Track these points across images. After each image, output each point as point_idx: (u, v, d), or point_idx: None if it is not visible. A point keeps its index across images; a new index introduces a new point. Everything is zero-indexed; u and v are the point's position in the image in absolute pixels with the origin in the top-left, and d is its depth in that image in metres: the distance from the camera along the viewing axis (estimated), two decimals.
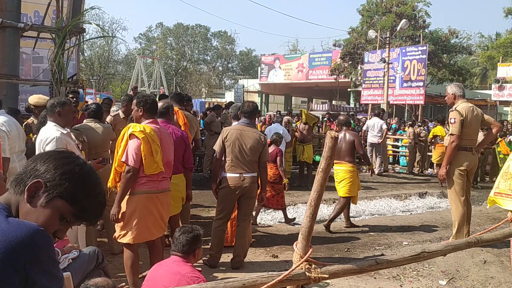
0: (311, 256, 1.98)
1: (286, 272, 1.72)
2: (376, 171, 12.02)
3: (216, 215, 4.76)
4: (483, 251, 5.08)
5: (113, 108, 7.62)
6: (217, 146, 4.67)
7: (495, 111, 26.84)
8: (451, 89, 5.36)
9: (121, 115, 5.93)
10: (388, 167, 13.37)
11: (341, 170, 6.38)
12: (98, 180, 1.41)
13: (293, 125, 11.61)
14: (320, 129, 14.76)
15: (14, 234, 1.16)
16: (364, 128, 12.80)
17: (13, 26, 7.67)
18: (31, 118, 5.96)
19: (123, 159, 3.59)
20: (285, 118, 10.42)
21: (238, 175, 4.59)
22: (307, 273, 1.77)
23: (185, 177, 4.60)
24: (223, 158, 4.66)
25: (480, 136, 5.65)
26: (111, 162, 5.12)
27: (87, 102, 12.01)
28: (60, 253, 2.82)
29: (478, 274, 4.60)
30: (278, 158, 6.75)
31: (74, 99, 6.31)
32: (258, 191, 4.83)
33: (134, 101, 3.83)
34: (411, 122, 14.54)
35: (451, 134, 5.20)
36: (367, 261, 1.99)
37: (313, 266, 1.81)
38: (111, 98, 11.68)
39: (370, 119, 14.01)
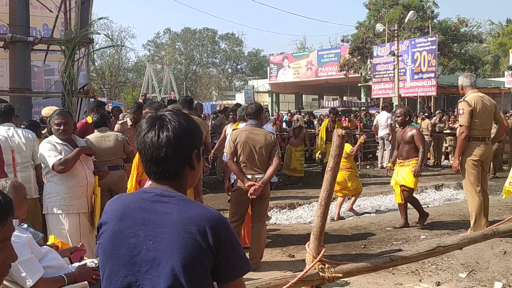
0: (325, 255, 1.97)
1: (301, 274, 1.71)
2: (385, 165, 11.97)
3: (230, 218, 4.77)
4: (503, 242, 4.99)
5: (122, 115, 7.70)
6: (227, 148, 4.69)
7: (509, 99, 26.38)
8: (460, 80, 5.39)
9: (129, 122, 5.98)
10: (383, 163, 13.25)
11: None
12: None
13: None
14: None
15: (209, 213, 1.34)
16: (374, 123, 12.73)
17: (23, 40, 7.78)
18: (46, 129, 6.04)
19: None
20: (295, 117, 10.57)
21: (250, 176, 4.60)
22: (321, 273, 1.76)
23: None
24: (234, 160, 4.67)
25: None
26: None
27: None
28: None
29: (498, 265, 4.53)
30: None
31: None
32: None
33: (147, 110, 3.88)
34: (427, 114, 14.35)
35: (460, 125, 5.17)
36: (381, 258, 1.97)
37: (327, 265, 1.80)
38: (119, 106, 11.76)
39: (379, 113, 13.92)
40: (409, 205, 6.52)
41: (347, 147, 7.07)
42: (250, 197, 4.56)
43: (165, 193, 1.37)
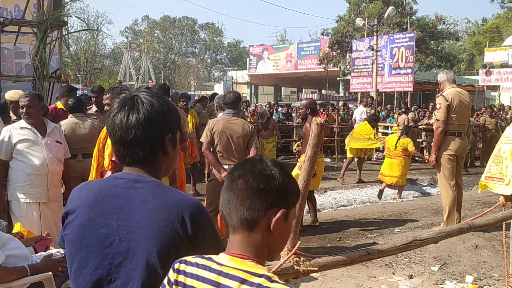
0: (300, 248, 1.91)
1: (275, 267, 1.65)
2: None
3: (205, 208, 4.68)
4: (475, 236, 5.07)
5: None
6: (203, 137, 4.59)
7: (482, 97, 26.98)
8: (438, 76, 5.43)
9: (94, 108, 5.79)
10: (373, 155, 13.37)
11: None
12: None
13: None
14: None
15: (187, 200, 1.27)
16: (353, 117, 12.83)
17: None
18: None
19: (113, 158, 3.50)
20: (260, 112, 10.82)
21: (226, 167, 4.51)
22: (296, 267, 1.71)
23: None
24: (211, 150, 4.58)
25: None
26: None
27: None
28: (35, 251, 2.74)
29: (470, 259, 4.59)
30: None
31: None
32: None
33: (109, 95, 3.75)
34: (404, 109, 14.50)
35: (437, 120, 5.22)
36: (357, 252, 1.92)
37: (302, 259, 1.74)
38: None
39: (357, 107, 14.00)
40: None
41: (404, 142, 7.93)
42: None
43: (139, 179, 1.28)
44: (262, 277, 1.04)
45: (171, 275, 1.14)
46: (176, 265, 1.15)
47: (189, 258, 1.15)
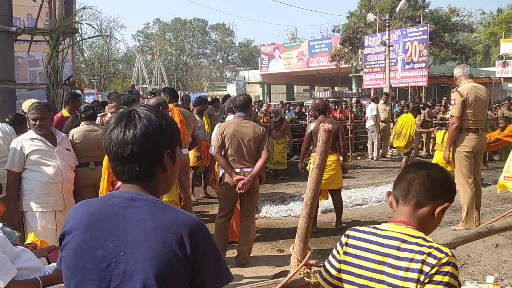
0: (315, 249, 1.86)
1: (284, 280, 1.61)
2: (375, 157, 12.10)
3: (218, 212, 4.67)
4: (495, 234, 4.93)
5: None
6: (215, 141, 4.57)
7: (500, 89, 26.46)
8: (454, 71, 5.26)
9: (109, 115, 5.81)
10: (387, 152, 13.22)
11: None
12: None
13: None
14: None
15: (186, 218, 1.21)
16: (365, 115, 12.77)
17: (6, 30, 7.55)
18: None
19: None
20: (275, 110, 10.73)
21: (238, 170, 4.48)
22: (306, 279, 1.66)
23: (178, 179, 4.48)
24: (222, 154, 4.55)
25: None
26: None
27: (86, 103, 11.91)
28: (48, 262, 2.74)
29: (490, 258, 4.47)
30: None
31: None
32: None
33: (114, 103, 3.74)
34: (422, 106, 14.27)
35: (451, 116, 5.08)
36: None
37: (313, 269, 1.69)
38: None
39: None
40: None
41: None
42: (239, 191, 4.45)
43: (136, 197, 1.24)
44: (419, 238, 1.40)
45: (343, 239, 1.53)
46: (347, 232, 1.53)
47: (357, 227, 1.52)
